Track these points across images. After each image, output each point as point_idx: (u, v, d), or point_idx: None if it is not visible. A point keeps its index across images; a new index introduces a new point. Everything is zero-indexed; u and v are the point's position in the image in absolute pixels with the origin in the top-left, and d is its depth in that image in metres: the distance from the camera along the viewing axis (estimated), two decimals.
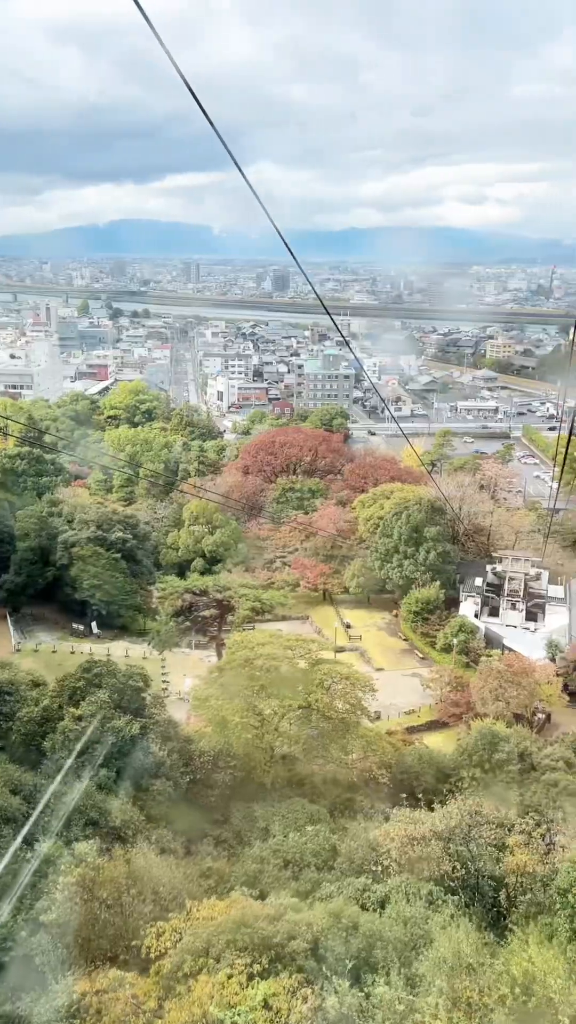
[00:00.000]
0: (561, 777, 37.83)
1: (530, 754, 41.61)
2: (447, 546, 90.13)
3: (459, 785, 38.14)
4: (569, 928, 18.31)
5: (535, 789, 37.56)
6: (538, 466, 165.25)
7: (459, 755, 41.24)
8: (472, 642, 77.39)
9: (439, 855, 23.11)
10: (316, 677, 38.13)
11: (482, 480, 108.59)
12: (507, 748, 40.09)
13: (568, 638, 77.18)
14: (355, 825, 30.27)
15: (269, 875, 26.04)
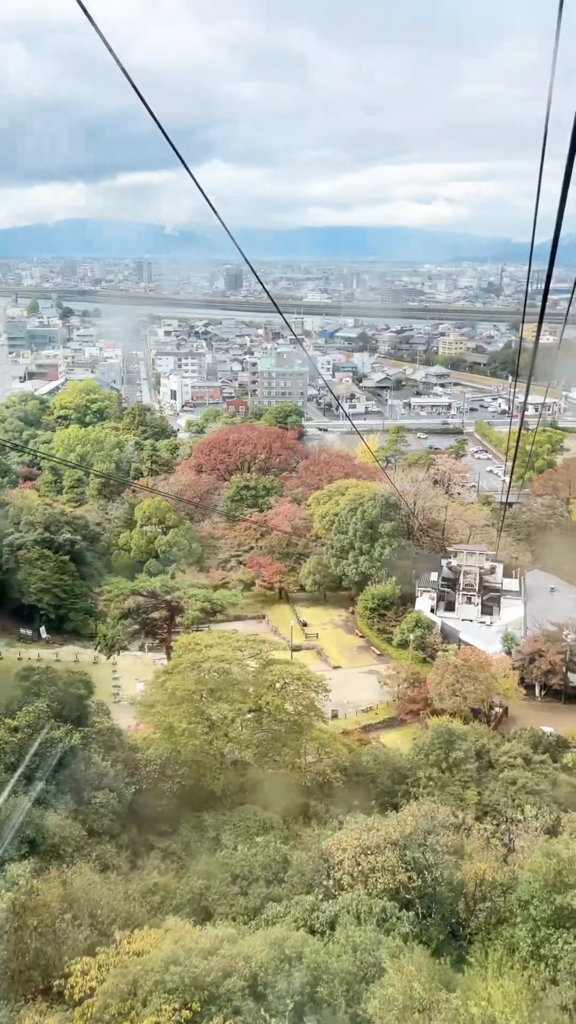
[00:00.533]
0: (519, 774, 36.98)
1: (488, 751, 40.75)
2: (402, 541, 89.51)
3: (416, 786, 37.10)
4: (531, 942, 17.27)
5: (493, 788, 36.70)
6: (491, 461, 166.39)
7: (416, 754, 40.22)
8: (428, 637, 76.80)
9: (394, 864, 21.92)
10: (267, 679, 36.70)
11: (436, 475, 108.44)
12: (464, 746, 39.16)
13: (523, 631, 77.04)
14: (309, 832, 28.97)
15: (216, 891, 24.57)
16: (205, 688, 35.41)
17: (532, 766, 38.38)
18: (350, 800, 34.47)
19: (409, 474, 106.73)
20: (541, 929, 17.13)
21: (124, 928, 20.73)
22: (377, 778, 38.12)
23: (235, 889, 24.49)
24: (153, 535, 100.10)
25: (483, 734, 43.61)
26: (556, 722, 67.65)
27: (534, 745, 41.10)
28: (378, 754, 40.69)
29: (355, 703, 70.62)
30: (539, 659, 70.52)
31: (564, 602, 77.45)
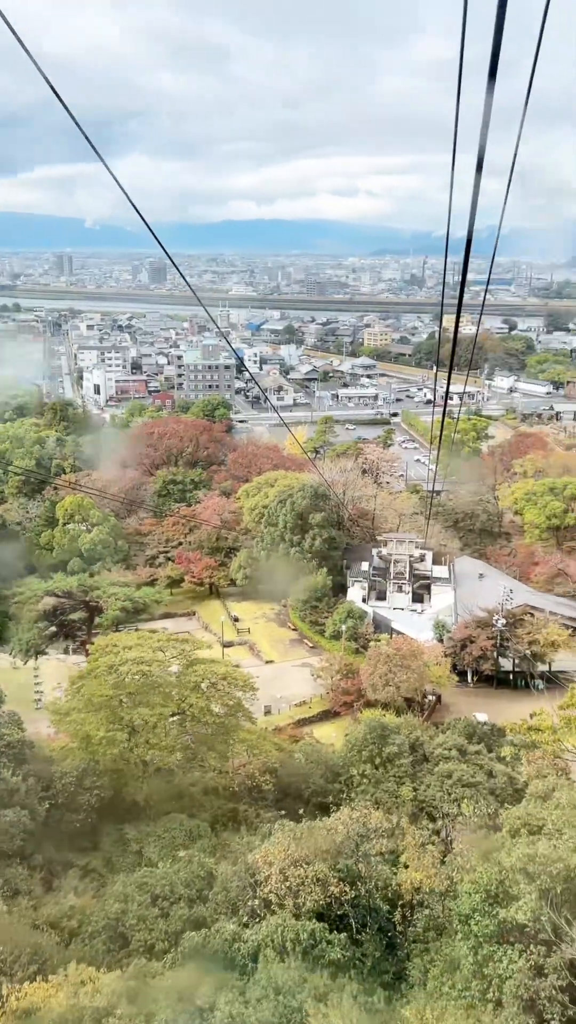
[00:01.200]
0: (455, 767, 36.00)
1: (422, 744, 39.70)
2: (332, 532, 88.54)
3: (350, 784, 35.77)
4: (473, 960, 15.98)
5: (429, 782, 35.66)
6: (418, 450, 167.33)
7: (348, 751, 38.87)
8: (361, 628, 76.04)
9: (326, 875, 20.41)
10: (191, 679, 34.74)
11: (364, 464, 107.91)
12: (398, 740, 38.06)
13: (454, 618, 77.04)
14: (238, 840, 27.22)
15: (134, 915, 22.56)
16: (124, 692, 33.21)
17: (468, 757, 37.49)
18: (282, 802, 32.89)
19: (338, 464, 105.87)
20: (484, 946, 15.86)
21: (29, 965, 18.55)
22: (309, 778, 36.63)
23: (155, 912, 22.54)
24: (77, 533, 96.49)
25: (416, 726, 42.62)
26: (489, 707, 67.75)
27: (469, 735, 40.24)
28: (310, 752, 39.25)
29: (289, 697, 69.34)
30: (470, 645, 70.51)
31: (492, 587, 77.67)
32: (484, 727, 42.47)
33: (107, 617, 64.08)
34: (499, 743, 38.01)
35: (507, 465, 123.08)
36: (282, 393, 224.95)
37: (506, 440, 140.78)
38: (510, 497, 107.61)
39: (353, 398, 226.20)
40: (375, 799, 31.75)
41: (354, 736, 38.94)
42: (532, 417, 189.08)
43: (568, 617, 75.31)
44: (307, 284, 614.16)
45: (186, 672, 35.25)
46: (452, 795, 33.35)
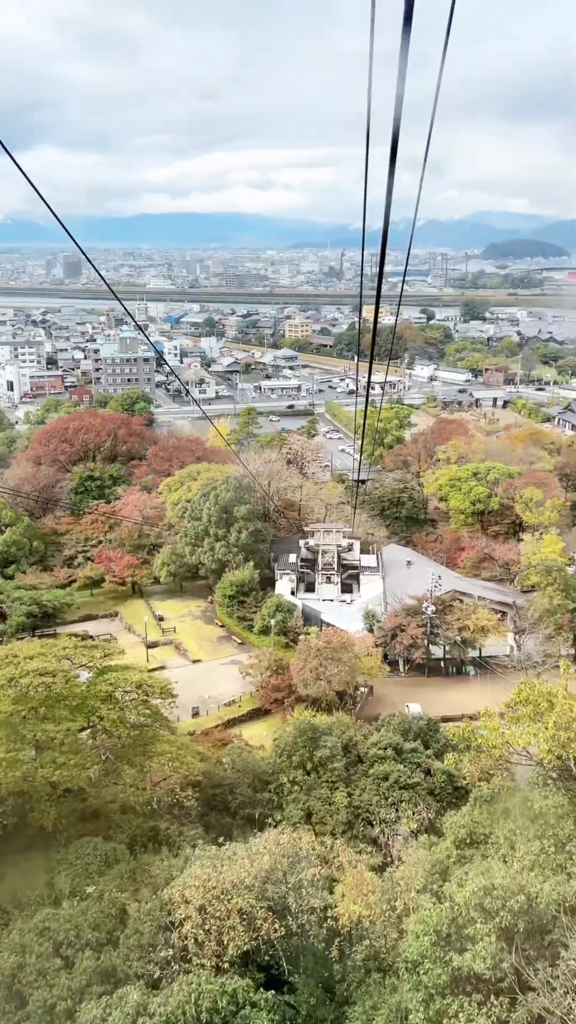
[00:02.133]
0: (391, 768, 34.11)
1: (356, 744, 37.66)
2: (258, 524, 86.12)
3: (280, 792, 33.45)
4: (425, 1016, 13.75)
5: (364, 785, 33.65)
6: (342, 440, 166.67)
7: (277, 756, 36.52)
8: (290, 621, 73.94)
9: (252, 908, 17.99)
10: (102, 689, 31.69)
11: (289, 455, 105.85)
12: (330, 743, 36.14)
13: (383, 607, 75.78)
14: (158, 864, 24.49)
15: (33, 968, 19.66)
16: (26, 707, 29.94)
17: (404, 756, 35.64)
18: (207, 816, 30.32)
19: (262, 455, 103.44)
20: (436, 999, 13.71)
21: None
22: (236, 788, 34.11)
23: (57, 963, 19.69)
24: None
25: (350, 725, 40.53)
26: (421, 696, 66.73)
27: (404, 732, 38.43)
28: (237, 759, 36.68)
29: (217, 697, 66.68)
30: (400, 634, 69.35)
31: (420, 574, 76.70)
32: (420, 722, 40.68)
33: (11, 624, 59.82)
34: (435, 738, 36.41)
35: (430, 452, 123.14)
36: (204, 386, 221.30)
37: (428, 427, 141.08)
38: (434, 484, 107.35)
39: (276, 390, 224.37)
40: (307, 808, 29.64)
41: (283, 740, 36.50)
42: (453, 404, 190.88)
43: (496, 602, 75.02)
44: (226, 277, 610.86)
45: (96, 681, 32.12)
46: (389, 799, 31.41)
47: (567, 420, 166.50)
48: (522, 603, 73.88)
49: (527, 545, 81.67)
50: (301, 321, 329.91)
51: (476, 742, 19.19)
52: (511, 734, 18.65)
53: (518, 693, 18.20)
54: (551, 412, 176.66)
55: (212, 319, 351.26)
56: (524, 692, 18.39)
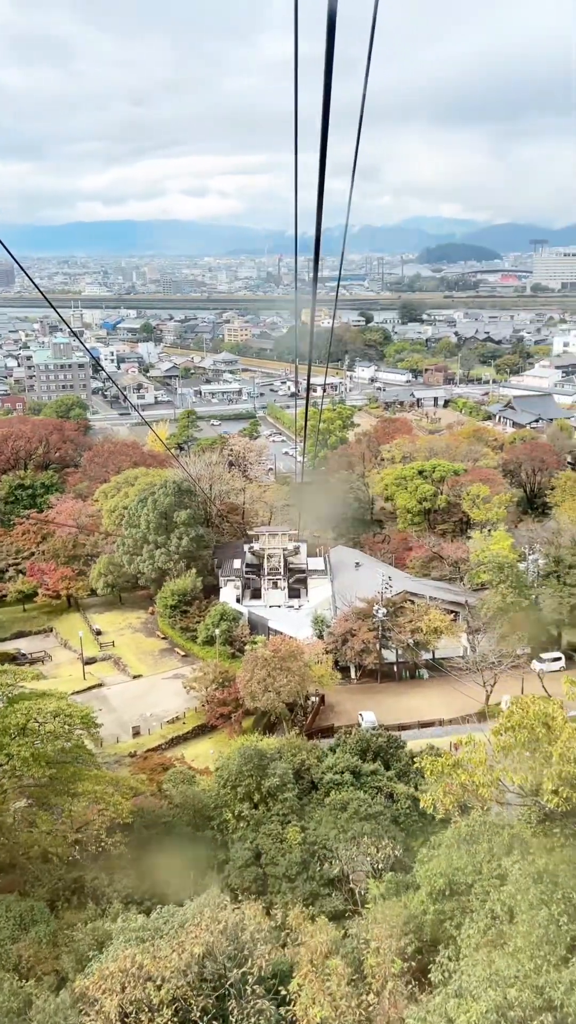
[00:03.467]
0: (349, 796, 30.69)
1: (308, 769, 34.20)
2: (200, 530, 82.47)
3: (224, 829, 29.92)
4: None
5: (320, 817, 30.24)
6: (285, 443, 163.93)
7: (221, 787, 32.82)
8: (236, 630, 70.53)
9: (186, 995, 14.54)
10: (13, 722, 27.59)
11: (230, 456, 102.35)
12: (279, 770, 32.64)
13: (333, 611, 72.94)
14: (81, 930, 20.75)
15: None
16: None
17: (363, 780, 32.35)
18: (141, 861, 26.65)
19: (203, 458, 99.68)
20: None
21: None
22: (175, 827, 30.39)
23: None
24: None
25: (301, 747, 36.80)
26: (375, 704, 64.00)
27: (362, 752, 35.14)
28: (175, 792, 32.84)
29: (160, 714, 62.92)
30: (351, 639, 66.51)
31: (370, 576, 74.15)
32: (379, 739, 37.36)
33: None
34: (397, 756, 33.25)
35: (375, 451, 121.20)
36: (142, 391, 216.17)
37: (372, 427, 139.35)
38: (380, 484, 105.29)
39: (217, 394, 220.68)
40: (256, 847, 26.24)
41: (226, 770, 32.71)
42: (395, 405, 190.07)
43: (448, 602, 72.88)
44: (163, 283, 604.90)
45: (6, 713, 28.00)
46: (349, 832, 27.97)
47: (508, 417, 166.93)
48: (474, 602, 71.87)
49: (476, 542, 79.71)
50: (240, 325, 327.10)
51: (458, 779, 16.07)
52: (503, 769, 15.61)
53: (509, 716, 15.22)
54: (492, 410, 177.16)
55: (150, 324, 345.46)
56: (516, 715, 15.44)
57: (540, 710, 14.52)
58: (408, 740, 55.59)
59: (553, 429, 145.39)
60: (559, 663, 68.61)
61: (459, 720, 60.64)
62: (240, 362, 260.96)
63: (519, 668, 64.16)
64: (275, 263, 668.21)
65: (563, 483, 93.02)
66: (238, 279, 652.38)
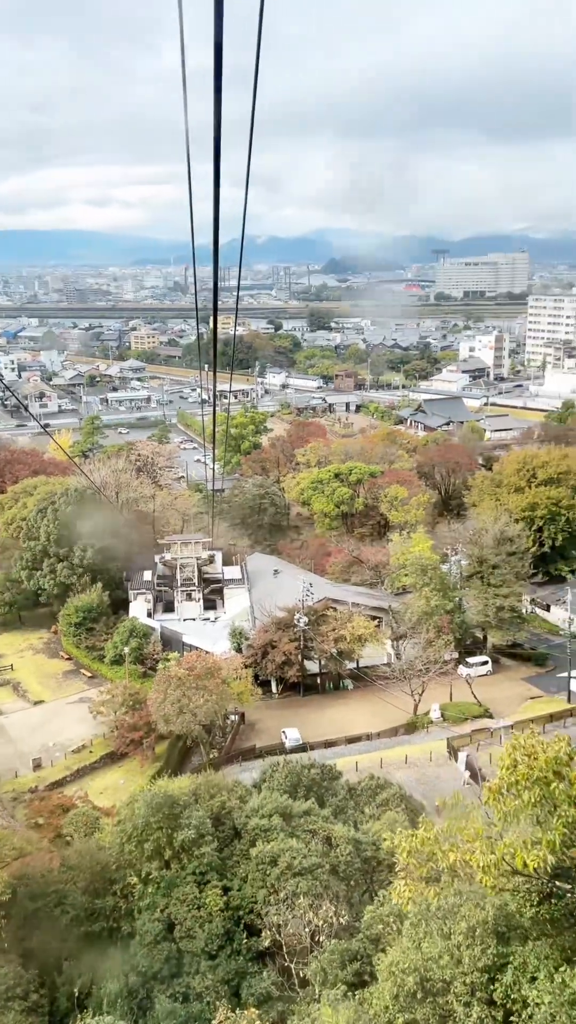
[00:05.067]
0: (280, 846, 25.65)
1: (229, 813, 29.22)
2: (106, 540, 76.74)
3: (129, 896, 25.08)
4: None
5: (246, 873, 25.45)
6: (197, 450, 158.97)
7: (124, 843, 27.51)
8: (147, 647, 65.36)
9: None
10: None
11: (138, 462, 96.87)
12: (194, 819, 27.54)
13: (251, 622, 68.72)
14: None
15: None
16: None
17: (295, 822, 27.76)
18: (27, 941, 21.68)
19: (109, 465, 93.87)
20: None
21: None
22: (68, 896, 25.24)
23: None
24: None
25: (219, 787, 31.64)
26: (299, 719, 60.09)
27: (292, 788, 30.53)
28: (71, 853, 27.51)
29: (64, 743, 57.15)
30: (272, 651, 62.47)
31: (290, 584, 70.31)
32: (311, 772, 32.79)
33: None
34: (332, 790, 29.09)
35: (289, 456, 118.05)
36: (45, 400, 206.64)
37: (286, 432, 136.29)
38: (296, 488, 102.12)
39: (124, 401, 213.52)
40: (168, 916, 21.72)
41: (130, 823, 27.50)
42: (307, 410, 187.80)
43: (371, 607, 69.73)
44: (67, 292, 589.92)
45: None
46: (281, 892, 23.46)
47: (419, 421, 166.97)
48: (397, 607, 69.04)
49: (395, 545, 77.12)
50: (147, 333, 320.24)
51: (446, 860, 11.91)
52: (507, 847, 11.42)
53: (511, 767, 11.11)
54: (403, 414, 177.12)
55: (53, 332, 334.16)
56: (522, 767, 11.27)
57: (551, 755, 10.81)
58: (336, 759, 52.08)
59: (465, 431, 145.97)
60: (486, 667, 66.51)
61: (388, 733, 57.40)
62: (148, 369, 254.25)
63: (447, 674, 61.60)
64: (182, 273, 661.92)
65: (479, 483, 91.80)
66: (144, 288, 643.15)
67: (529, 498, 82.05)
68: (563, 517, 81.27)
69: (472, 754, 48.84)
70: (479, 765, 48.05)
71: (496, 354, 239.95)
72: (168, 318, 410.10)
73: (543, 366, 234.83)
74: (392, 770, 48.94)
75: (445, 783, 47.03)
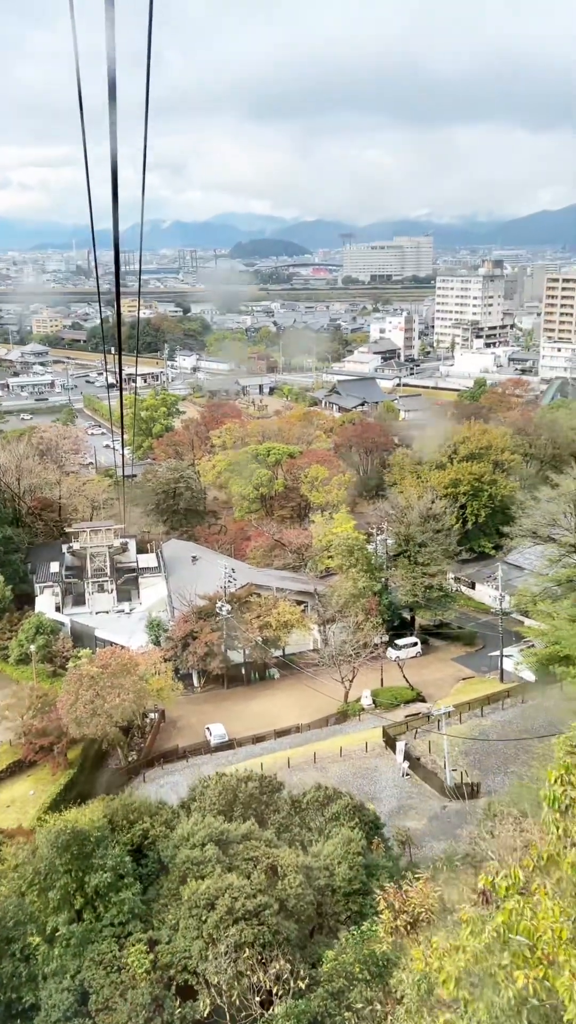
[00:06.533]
0: (216, 884, 20.22)
1: (154, 843, 24.55)
2: (7, 531, 70.93)
3: (32, 959, 20.56)
4: None
5: (176, 919, 20.60)
6: (106, 435, 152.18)
7: (23, 887, 22.46)
8: (56, 644, 60.21)
9: None
10: None
11: (41, 445, 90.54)
12: (109, 858, 22.48)
13: (170, 612, 64.49)
14: None
15: None
16: None
17: (232, 850, 23.42)
18: None
19: (9, 449, 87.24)
20: None
21: None
22: None
23: None
24: None
25: (140, 811, 26.68)
26: (223, 713, 56.47)
27: (227, 808, 25.84)
28: None
29: None
30: (193, 642, 58.48)
31: (210, 570, 66.33)
32: (250, 785, 28.58)
33: None
34: (274, 804, 25.11)
35: (204, 438, 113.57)
36: None
37: (199, 415, 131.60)
38: (212, 471, 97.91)
39: (27, 386, 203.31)
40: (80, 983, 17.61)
41: (29, 867, 22.58)
42: (220, 393, 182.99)
43: (296, 592, 66.58)
44: None
45: None
46: (222, 943, 19.05)
47: (333, 402, 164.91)
48: (323, 590, 66.10)
49: (318, 526, 74.18)
50: (49, 316, 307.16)
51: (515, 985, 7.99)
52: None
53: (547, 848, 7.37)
54: (317, 396, 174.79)
55: None
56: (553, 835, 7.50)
57: None
58: (265, 755, 48.75)
59: (380, 411, 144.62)
60: (416, 649, 64.43)
61: (319, 723, 54.39)
62: (51, 353, 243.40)
63: (377, 658, 59.09)
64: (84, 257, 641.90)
65: (400, 460, 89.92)
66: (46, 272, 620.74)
67: (452, 474, 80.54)
68: (485, 493, 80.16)
69: (410, 743, 46.31)
70: (417, 754, 45.58)
71: (406, 335, 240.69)
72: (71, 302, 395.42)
73: (452, 346, 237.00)
74: (327, 764, 45.95)
75: (384, 775, 44.34)
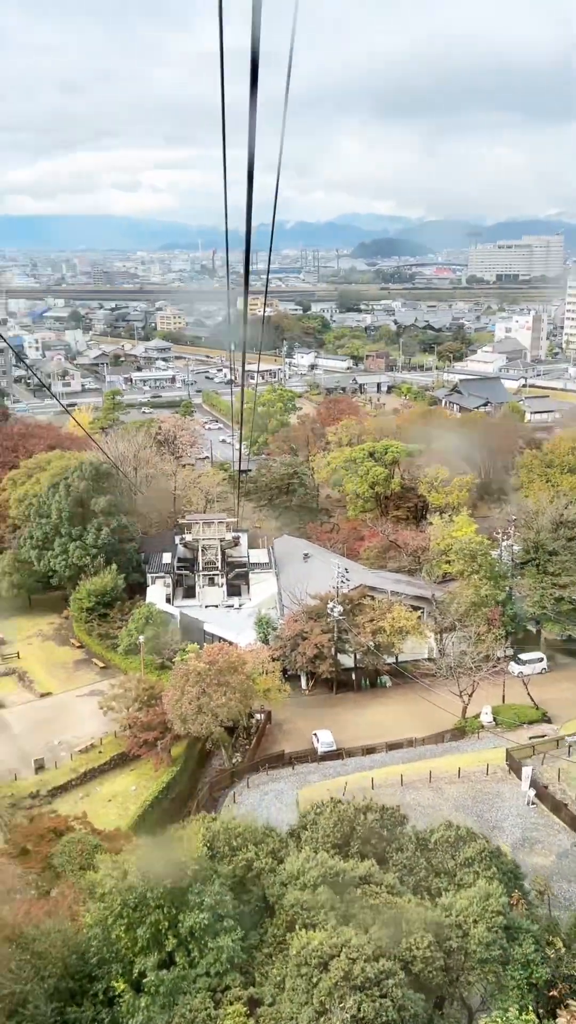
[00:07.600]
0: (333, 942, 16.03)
1: (259, 876, 21.23)
2: (123, 519, 71.10)
3: (112, 1004, 18.35)
4: None
5: (280, 976, 17.56)
6: (223, 430, 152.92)
7: (109, 926, 19.76)
8: (165, 636, 59.38)
9: None
10: None
11: (159, 436, 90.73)
12: (207, 896, 19.65)
13: (279, 610, 62.47)
14: None
15: None
16: None
17: (349, 894, 19.76)
18: None
19: (128, 438, 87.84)
20: None
21: None
22: (26, 1004, 18.19)
23: None
24: None
25: (246, 837, 23.04)
26: (332, 719, 53.77)
27: (342, 843, 22.37)
28: (36, 934, 19.99)
29: (71, 741, 51.49)
30: (302, 643, 56.10)
31: (321, 569, 63.94)
32: (368, 817, 24.82)
33: None
34: (397, 842, 21.83)
35: (319, 435, 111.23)
36: (68, 378, 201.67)
37: (316, 411, 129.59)
38: (327, 468, 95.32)
39: (149, 381, 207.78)
40: None
41: (117, 899, 19.60)
42: (336, 391, 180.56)
43: (413, 596, 62.98)
44: (94, 275, 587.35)
45: None
46: (335, 1015, 16.04)
47: (454, 402, 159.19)
48: (441, 596, 62.21)
49: (437, 529, 70.18)
50: (173, 313, 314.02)
51: None
52: None
53: None
54: (437, 395, 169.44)
55: (78, 313, 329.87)
56: None
57: None
58: (375, 767, 45.75)
59: (505, 411, 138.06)
60: (541, 664, 59.62)
61: (434, 739, 50.82)
62: (173, 350, 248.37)
63: (499, 673, 54.81)
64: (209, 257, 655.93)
65: (528, 462, 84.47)
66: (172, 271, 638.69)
67: None
68: None
69: (536, 768, 42.13)
70: (545, 782, 41.37)
71: (534, 335, 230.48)
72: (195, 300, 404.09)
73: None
74: (443, 784, 42.50)
75: (507, 802, 40.44)
